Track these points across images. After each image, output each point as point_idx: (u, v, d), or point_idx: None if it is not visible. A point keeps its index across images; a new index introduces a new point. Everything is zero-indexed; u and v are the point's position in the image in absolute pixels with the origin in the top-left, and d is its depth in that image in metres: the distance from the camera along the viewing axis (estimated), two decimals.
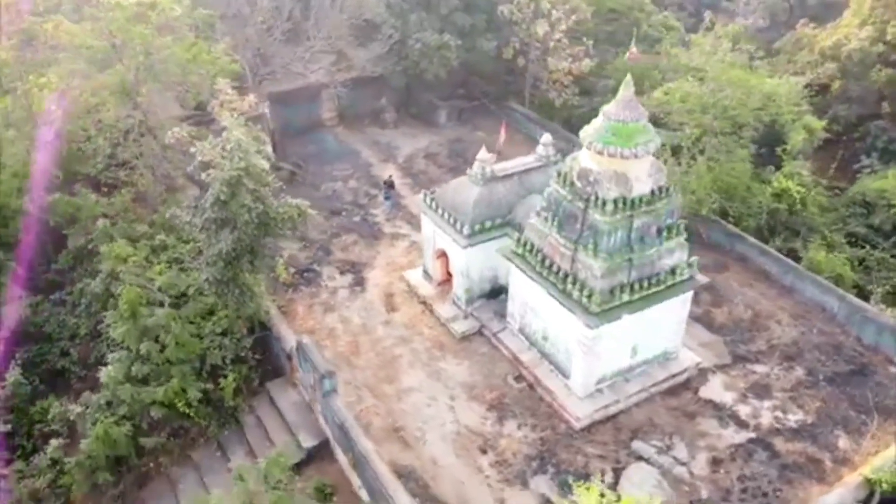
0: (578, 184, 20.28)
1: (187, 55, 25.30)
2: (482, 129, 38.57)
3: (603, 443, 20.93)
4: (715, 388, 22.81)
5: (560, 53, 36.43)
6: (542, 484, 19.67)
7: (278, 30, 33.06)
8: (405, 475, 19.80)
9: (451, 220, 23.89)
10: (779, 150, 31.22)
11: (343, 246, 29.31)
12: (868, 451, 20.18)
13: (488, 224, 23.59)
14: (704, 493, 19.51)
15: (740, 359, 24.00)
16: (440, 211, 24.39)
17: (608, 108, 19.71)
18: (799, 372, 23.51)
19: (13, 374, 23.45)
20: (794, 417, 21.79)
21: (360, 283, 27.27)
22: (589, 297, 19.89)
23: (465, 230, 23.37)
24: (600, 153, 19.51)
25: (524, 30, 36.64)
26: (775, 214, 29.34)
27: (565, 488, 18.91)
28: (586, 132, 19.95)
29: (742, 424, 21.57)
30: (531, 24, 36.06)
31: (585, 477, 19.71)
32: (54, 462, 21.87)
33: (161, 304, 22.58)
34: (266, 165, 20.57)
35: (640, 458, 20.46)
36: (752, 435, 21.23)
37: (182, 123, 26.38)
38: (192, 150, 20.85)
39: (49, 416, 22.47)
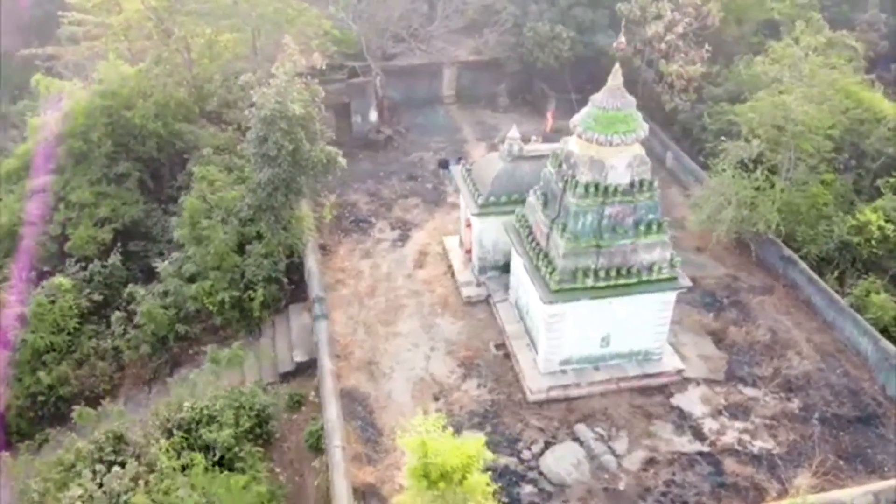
0: (564, 166, 21.05)
1: (287, 18, 29.23)
2: None
3: (549, 418, 21.60)
4: (690, 399, 22.29)
5: (675, 56, 35.79)
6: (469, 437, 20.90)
7: (402, 8, 36.22)
8: (358, 400, 22.23)
9: (473, 191, 25.50)
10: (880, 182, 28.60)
11: (405, 207, 31.97)
12: (809, 486, 18.79)
13: (504, 198, 24.84)
14: (622, 486, 19.58)
15: (735, 378, 23.07)
16: (468, 182, 26.08)
17: (595, 96, 20.28)
18: (793, 405, 22.13)
19: (114, 258, 29.06)
20: (761, 444, 20.76)
21: (403, 239, 29.79)
22: (551, 273, 20.67)
23: (480, 200, 24.89)
24: (580, 137, 20.20)
25: (645, 30, 36.42)
26: (850, 247, 26.94)
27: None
28: (577, 117, 20.67)
29: (699, 437, 21.03)
30: (649, 24, 35.77)
31: (515, 442, 20.81)
32: (125, 331, 27.06)
33: (222, 220, 26.83)
34: (298, 111, 23.60)
35: (576, 439, 20.90)
36: (705, 449, 20.66)
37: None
38: (251, 92, 24.61)
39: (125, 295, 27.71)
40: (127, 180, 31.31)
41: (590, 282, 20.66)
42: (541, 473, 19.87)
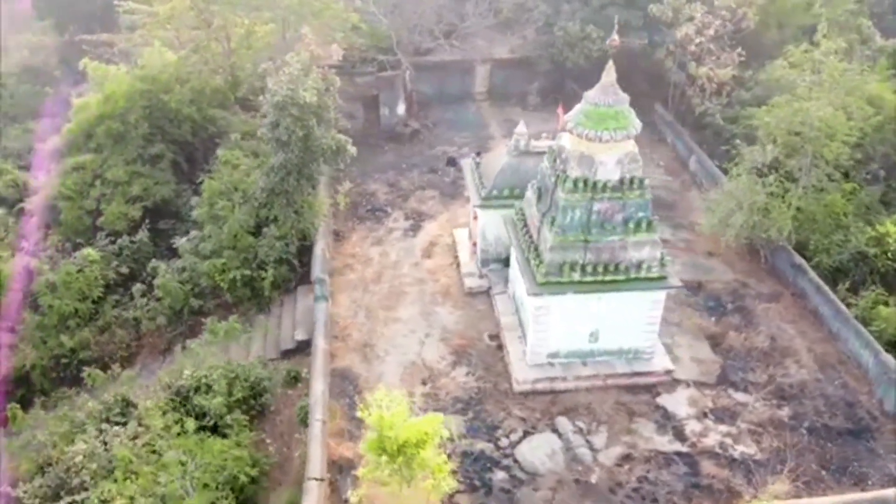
0: (557, 161, 21.32)
1: (312, 10, 30.28)
2: None
3: (532, 409, 21.89)
4: (677, 399, 22.22)
5: (706, 59, 35.38)
6: (452, 422, 21.35)
7: (434, 4, 36.90)
8: (349, 379, 23.01)
9: (479, 184, 25.95)
10: None
11: (422, 198, 32.61)
12: (784, 493, 18.58)
13: (506, 192, 25.19)
14: (594, 479, 19.73)
15: (727, 382, 22.87)
16: (475, 175, 26.54)
17: (588, 92, 20.49)
18: (783, 412, 21.81)
19: (141, 234, 30.59)
20: (742, 449, 20.57)
21: (415, 229, 30.46)
22: (538, 266, 20.97)
23: (483, 193, 25.34)
24: (571, 132, 20.45)
25: (681, 32, 36.08)
26: (867, 259, 26.23)
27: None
28: (570, 113, 20.91)
29: (681, 437, 20.98)
30: (680, 26, 35.44)
31: (494, 429, 21.21)
32: (147, 303, 28.48)
33: (239, 202, 28.01)
34: (309, 99, 24.47)
35: (555, 430, 21.15)
36: (684, 449, 20.61)
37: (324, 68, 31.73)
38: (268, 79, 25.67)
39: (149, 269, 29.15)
40: (161, 161, 32.83)
41: (576, 276, 20.86)
42: (515, 461, 20.21)
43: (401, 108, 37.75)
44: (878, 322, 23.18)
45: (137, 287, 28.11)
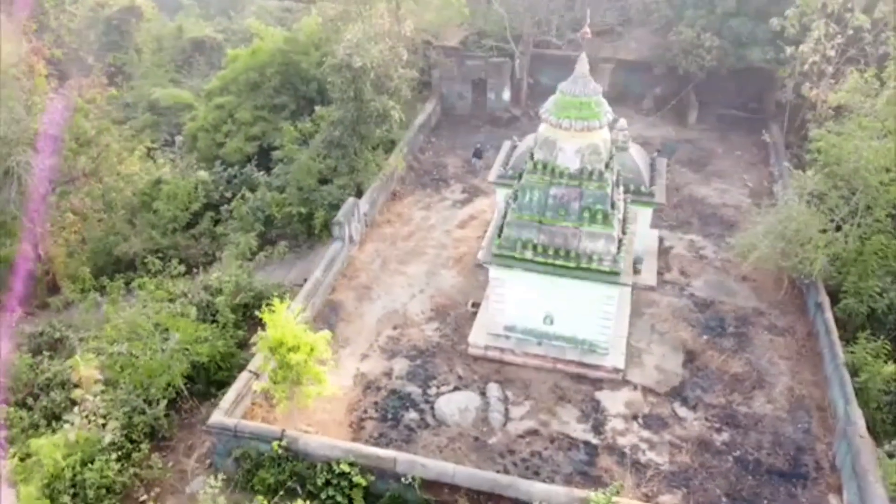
0: (535, 144, 22.40)
1: None
2: (724, 142, 37.53)
3: (474, 371, 23.32)
4: (614, 398, 22.26)
5: (824, 79, 32.84)
6: (398, 364, 23.61)
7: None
8: (336, 310, 26.06)
9: (503, 163, 27.43)
10: None
11: (487, 176, 34.35)
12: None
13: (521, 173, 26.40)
14: (492, 441, 20.85)
15: (677, 396, 22.37)
16: (505, 155, 28.00)
17: (563, 82, 21.32)
18: (719, 437, 21.00)
19: (249, 168, 35.89)
20: (652, 457, 20.34)
21: (465, 202, 32.50)
22: (497, 238, 22.32)
23: (499, 171, 26.81)
24: (541, 118, 21.47)
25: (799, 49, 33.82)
26: None
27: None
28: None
29: (596, 430, 21.20)
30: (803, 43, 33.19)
31: (430, 378, 23.09)
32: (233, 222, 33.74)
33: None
34: (360, 64, 27.56)
35: (483, 393, 22.44)
36: (594, 441, 20.85)
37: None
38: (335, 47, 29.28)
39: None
40: (283, 111, 38.18)
41: (528, 254, 21.81)
42: (431, 408, 21.94)
43: (506, 95, 39.57)
44: (865, 372, 21.11)
45: (224, 208, 33.58)
